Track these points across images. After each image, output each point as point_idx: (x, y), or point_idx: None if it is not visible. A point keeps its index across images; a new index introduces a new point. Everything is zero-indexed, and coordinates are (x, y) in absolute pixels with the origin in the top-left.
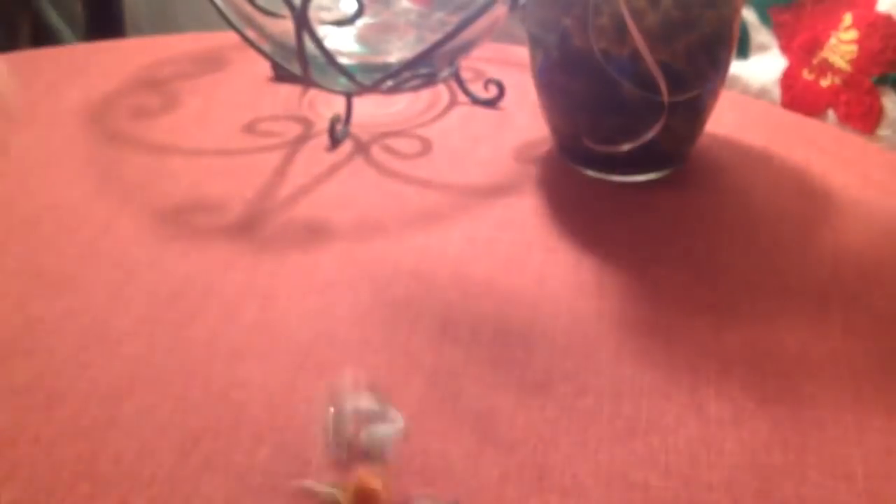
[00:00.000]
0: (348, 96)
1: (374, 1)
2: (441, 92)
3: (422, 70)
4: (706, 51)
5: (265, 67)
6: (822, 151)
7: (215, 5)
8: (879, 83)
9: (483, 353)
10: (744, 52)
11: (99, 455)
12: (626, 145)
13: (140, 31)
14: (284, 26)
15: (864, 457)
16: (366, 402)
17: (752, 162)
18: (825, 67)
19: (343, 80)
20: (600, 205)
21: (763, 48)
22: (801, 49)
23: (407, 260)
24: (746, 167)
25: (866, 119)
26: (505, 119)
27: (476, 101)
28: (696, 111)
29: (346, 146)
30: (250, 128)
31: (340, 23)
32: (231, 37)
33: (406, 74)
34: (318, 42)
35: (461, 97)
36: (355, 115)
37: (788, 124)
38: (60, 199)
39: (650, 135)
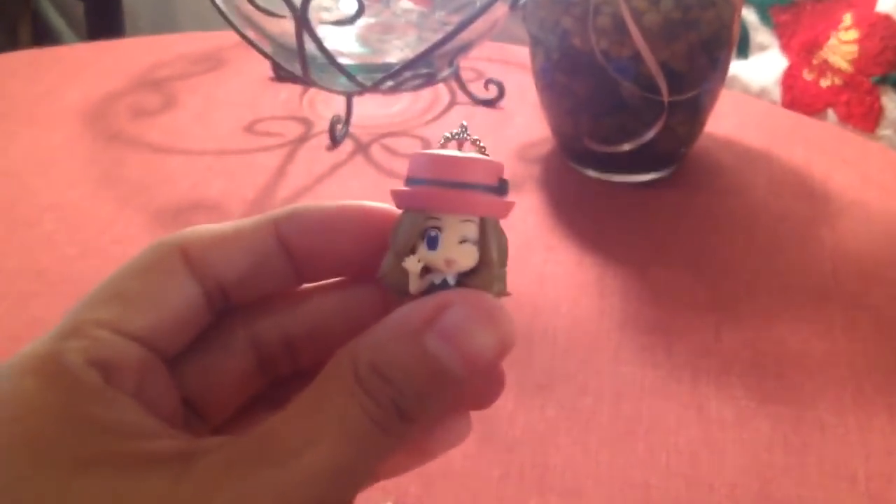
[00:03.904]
0: (348, 96)
1: (374, 1)
2: (441, 92)
3: (422, 70)
4: (706, 51)
5: (265, 67)
6: (823, 151)
7: (215, 5)
8: (880, 83)
9: None
10: (744, 51)
11: None
12: (627, 145)
13: (140, 30)
14: (284, 26)
15: (866, 457)
16: None
17: (752, 162)
18: (825, 67)
19: (343, 80)
20: (601, 205)
21: (763, 48)
22: (802, 49)
23: None
24: (746, 167)
25: (866, 119)
26: (505, 119)
27: (476, 101)
28: (695, 111)
29: (346, 146)
30: (250, 128)
31: (340, 23)
32: (231, 37)
33: (406, 74)
34: (318, 42)
35: (461, 97)
36: (355, 115)
37: (788, 124)
38: (61, 199)
39: (650, 135)
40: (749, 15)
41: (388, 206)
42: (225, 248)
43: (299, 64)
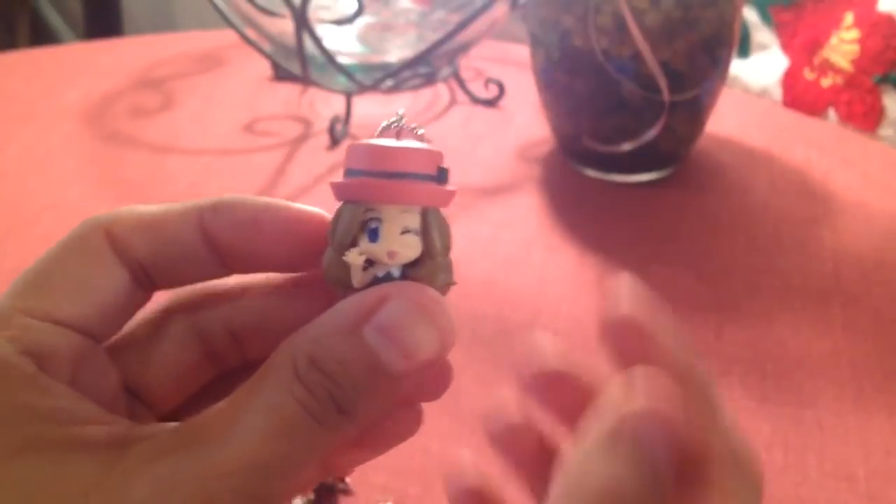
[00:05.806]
0: (348, 96)
1: (374, 0)
2: (441, 92)
3: (421, 69)
4: (707, 50)
5: (265, 67)
6: (823, 151)
7: (214, 4)
8: (881, 83)
9: (483, 353)
10: (745, 51)
11: None
12: (627, 145)
13: (139, 30)
14: (284, 26)
15: (866, 457)
16: None
17: (753, 162)
18: (826, 67)
19: (343, 80)
20: (601, 204)
21: (764, 47)
22: (803, 48)
23: None
24: (746, 167)
25: (867, 118)
26: (505, 119)
27: (476, 100)
28: (696, 111)
29: (346, 146)
30: (249, 127)
31: (340, 22)
32: (230, 36)
33: (406, 73)
34: (318, 41)
35: (461, 97)
36: (355, 115)
37: (789, 124)
38: (60, 198)
39: (651, 135)
40: (750, 14)
41: (320, 211)
42: (148, 231)
43: (299, 63)
